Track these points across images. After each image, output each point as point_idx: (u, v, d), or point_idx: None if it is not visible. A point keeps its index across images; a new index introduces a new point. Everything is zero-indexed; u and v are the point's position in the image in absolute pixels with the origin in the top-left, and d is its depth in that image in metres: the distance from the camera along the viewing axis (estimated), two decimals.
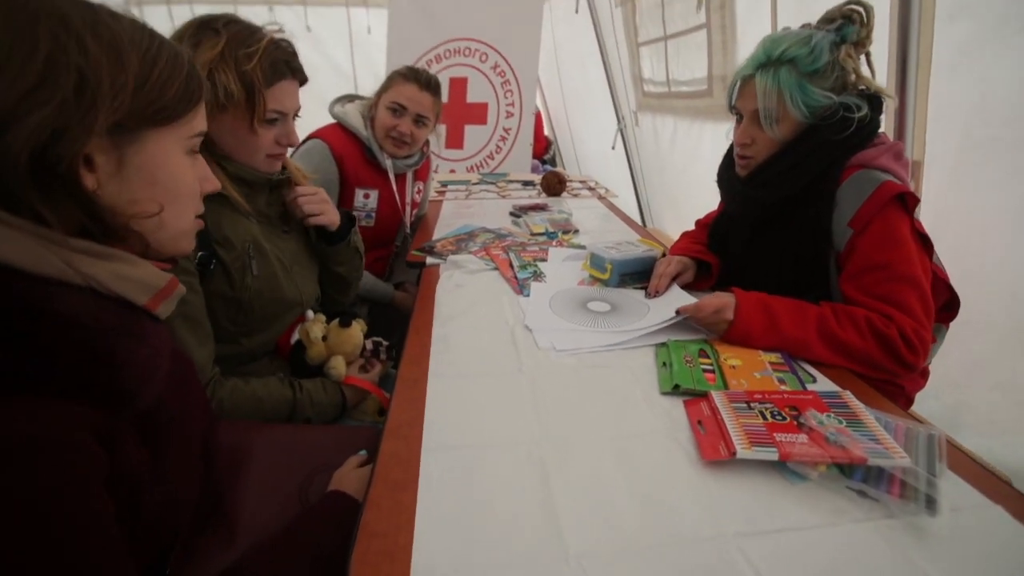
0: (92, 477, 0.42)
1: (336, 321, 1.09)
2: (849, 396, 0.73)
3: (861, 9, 0.93)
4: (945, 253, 1.05)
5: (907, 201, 0.92)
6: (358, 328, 1.10)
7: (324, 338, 1.07)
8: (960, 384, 1.38)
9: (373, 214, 1.61)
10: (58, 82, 0.42)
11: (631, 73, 3.29)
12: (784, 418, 0.67)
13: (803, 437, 0.63)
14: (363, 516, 0.57)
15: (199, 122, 0.55)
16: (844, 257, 0.95)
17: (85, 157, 0.44)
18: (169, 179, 0.52)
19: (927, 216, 1.17)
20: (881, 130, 1.00)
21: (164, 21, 4.15)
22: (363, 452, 0.80)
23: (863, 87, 0.97)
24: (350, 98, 1.64)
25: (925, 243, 0.95)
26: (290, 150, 1.05)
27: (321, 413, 1.00)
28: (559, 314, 1.05)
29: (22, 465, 0.38)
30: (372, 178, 1.59)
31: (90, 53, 0.44)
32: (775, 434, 0.64)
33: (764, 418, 0.67)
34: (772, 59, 0.94)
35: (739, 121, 1.05)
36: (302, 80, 0.97)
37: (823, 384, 0.82)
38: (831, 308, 0.91)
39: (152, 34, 0.51)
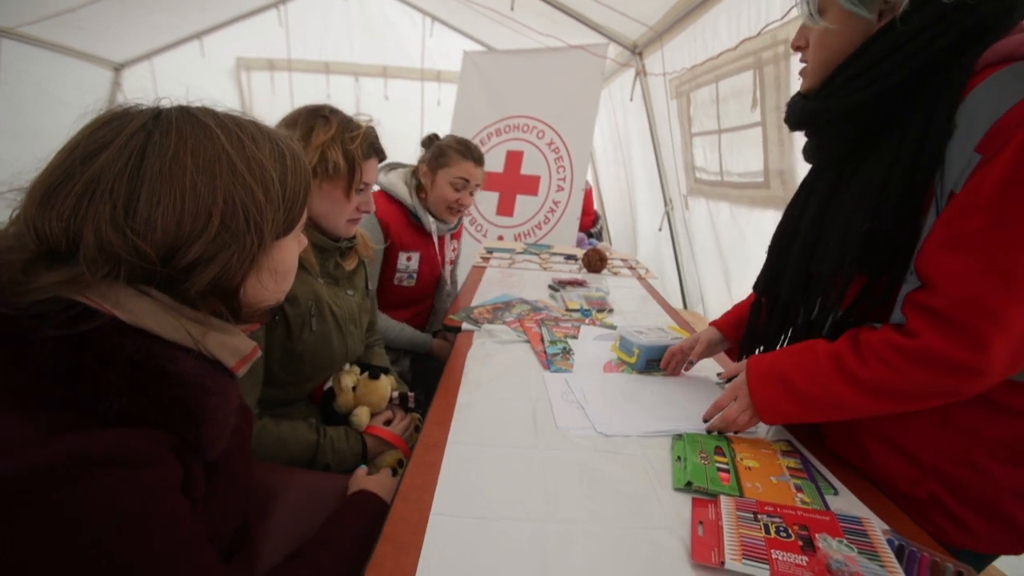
0: (174, 482, 0.49)
1: (367, 373, 1.17)
2: (871, 523, 0.69)
3: None
4: None
5: None
6: (387, 382, 1.17)
7: (354, 388, 1.14)
8: None
9: (415, 275, 1.74)
10: (232, 229, 0.50)
11: (683, 160, 3.39)
12: (789, 536, 0.66)
13: (803, 559, 0.62)
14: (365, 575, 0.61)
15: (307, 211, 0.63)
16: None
17: None
18: (288, 268, 0.62)
19: None
20: None
21: (266, 84, 4.70)
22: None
23: None
24: (391, 166, 1.82)
25: None
26: None
27: (341, 460, 1.06)
28: (610, 399, 1.07)
29: (124, 474, 0.44)
30: (414, 241, 1.74)
31: (256, 197, 0.51)
32: (772, 551, 0.63)
33: (767, 532, 0.67)
34: None
35: None
36: (382, 159, 1.16)
37: (844, 497, 0.80)
38: (849, 338, 0.74)
39: (281, 149, 0.56)
